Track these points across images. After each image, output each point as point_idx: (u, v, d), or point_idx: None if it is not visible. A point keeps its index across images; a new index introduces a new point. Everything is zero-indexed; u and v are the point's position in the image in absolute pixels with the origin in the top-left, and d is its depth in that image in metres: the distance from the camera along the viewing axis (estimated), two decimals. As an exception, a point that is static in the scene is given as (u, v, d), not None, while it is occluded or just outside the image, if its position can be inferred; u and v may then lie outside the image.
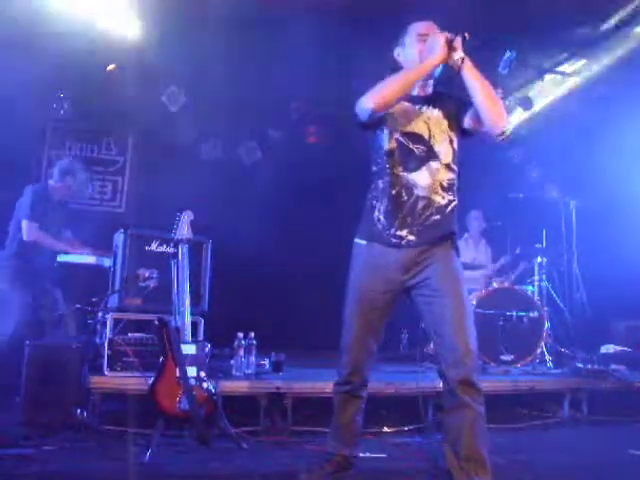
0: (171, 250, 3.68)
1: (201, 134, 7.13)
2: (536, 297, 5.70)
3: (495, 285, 5.68)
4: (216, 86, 6.53)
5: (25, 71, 5.23)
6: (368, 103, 2.60)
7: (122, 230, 4.07)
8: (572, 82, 6.64)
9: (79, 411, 3.59)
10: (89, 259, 4.60)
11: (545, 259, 5.90)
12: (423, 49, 2.71)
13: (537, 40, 5.91)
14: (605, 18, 5.50)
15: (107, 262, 4.45)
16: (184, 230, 3.50)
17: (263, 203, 6.80)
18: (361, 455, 2.94)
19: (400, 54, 2.85)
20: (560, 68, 6.52)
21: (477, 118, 2.66)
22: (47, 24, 5.14)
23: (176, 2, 5.35)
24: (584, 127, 6.88)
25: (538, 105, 7.06)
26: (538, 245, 6.01)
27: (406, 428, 3.99)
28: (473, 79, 2.59)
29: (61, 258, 4.58)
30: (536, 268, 5.91)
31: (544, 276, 5.90)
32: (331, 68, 5.88)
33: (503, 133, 2.63)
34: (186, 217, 3.53)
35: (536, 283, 5.87)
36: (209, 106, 6.75)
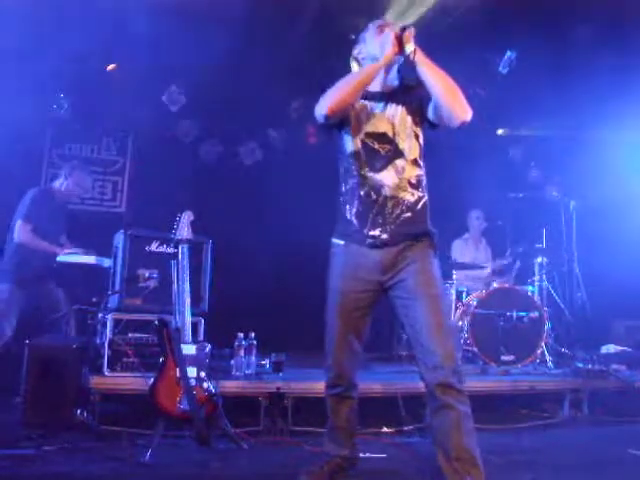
0: (171, 250, 3.68)
1: (201, 134, 7.13)
2: (536, 297, 5.70)
3: (495, 285, 5.67)
4: (216, 86, 6.53)
5: (25, 71, 5.23)
6: (322, 108, 2.58)
7: (122, 230, 4.06)
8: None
9: (79, 411, 3.59)
10: (89, 259, 4.59)
11: (545, 259, 5.89)
12: (380, 39, 2.69)
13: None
14: None
15: (107, 262, 4.44)
16: (184, 230, 3.50)
17: (263, 203, 6.80)
18: (361, 455, 2.94)
19: (361, 50, 2.82)
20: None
21: (437, 111, 2.62)
22: (47, 25, 5.14)
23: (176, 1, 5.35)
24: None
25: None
26: (538, 245, 6.01)
27: (405, 428, 3.99)
28: (428, 71, 2.54)
29: (61, 258, 4.57)
30: (536, 268, 5.90)
31: (544, 276, 5.90)
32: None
33: (464, 123, 2.57)
34: (186, 217, 3.54)
35: (536, 283, 5.86)
36: (209, 106, 6.75)
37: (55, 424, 3.49)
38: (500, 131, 7.91)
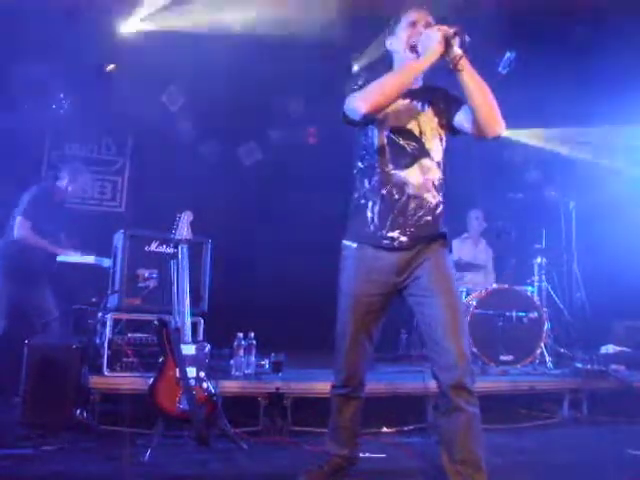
0: (171, 250, 3.67)
1: (200, 134, 7.13)
2: (536, 297, 5.69)
3: (494, 285, 5.67)
4: (215, 86, 6.54)
5: (25, 72, 5.24)
6: (360, 106, 2.48)
7: (122, 230, 4.07)
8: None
9: (79, 411, 3.59)
10: (88, 259, 4.59)
11: (545, 259, 5.89)
12: (412, 35, 2.62)
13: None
14: None
15: (107, 262, 4.44)
16: (184, 230, 3.50)
17: (263, 203, 6.81)
18: (360, 455, 2.94)
19: (392, 43, 2.74)
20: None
21: (471, 120, 2.55)
22: (47, 25, 5.14)
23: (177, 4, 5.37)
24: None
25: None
26: (538, 245, 6.01)
27: (405, 428, 3.99)
28: (470, 81, 2.46)
29: (60, 258, 4.57)
30: (536, 268, 5.90)
31: (544, 276, 5.90)
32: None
33: (498, 137, 2.53)
34: (186, 217, 3.54)
35: (536, 283, 5.86)
36: (209, 106, 6.76)
37: (54, 424, 3.48)
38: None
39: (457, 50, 2.44)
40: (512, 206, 6.45)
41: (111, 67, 6.39)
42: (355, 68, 7.04)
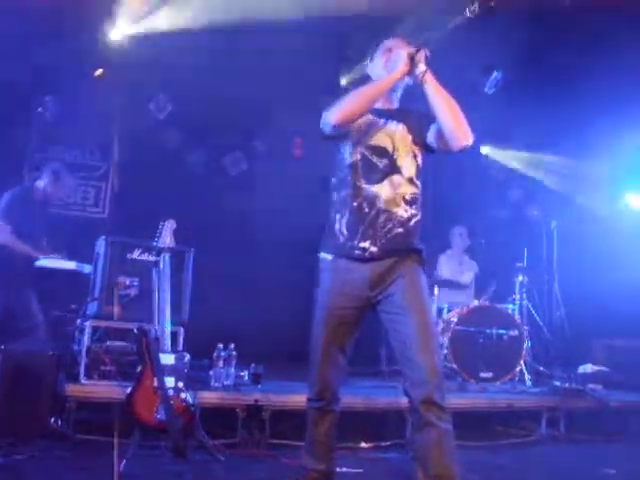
0: (153, 258, 3.65)
1: (186, 142, 7.11)
2: (516, 315, 5.73)
3: (475, 302, 5.70)
4: (202, 95, 6.54)
5: (9, 74, 5.20)
6: (331, 118, 2.61)
7: (104, 237, 4.03)
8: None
9: (54, 419, 3.54)
10: (69, 265, 4.53)
11: (526, 278, 5.93)
12: (388, 60, 2.76)
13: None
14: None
15: (87, 268, 4.40)
16: (166, 239, 3.48)
17: (247, 213, 6.79)
18: (337, 470, 2.93)
19: (369, 67, 2.93)
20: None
21: (440, 135, 2.65)
22: (34, 29, 5.12)
23: (165, 10, 5.37)
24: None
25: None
26: (519, 264, 6.05)
27: (383, 444, 3.98)
28: (435, 94, 2.59)
29: (40, 263, 4.51)
30: (517, 286, 5.94)
31: (525, 294, 5.94)
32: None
33: (465, 148, 2.61)
34: (169, 226, 3.52)
35: (517, 301, 5.90)
36: (195, 115, 6.75)
37: (28, 432, 3.42)
38: (484, 149, 8.00)
39: (422, 66, 2.60)
40: (495, 223, 6.51)
41: (99, 72, 6.36)
42: (343, 82, 7.09)
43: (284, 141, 7.47)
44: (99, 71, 6.32)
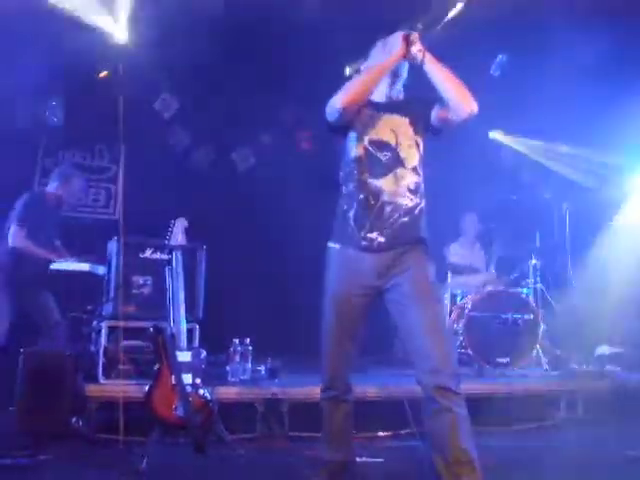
0: (165, 257, 3.67)
1: (194, 140, 7.13)
2: (531, 299, 5.71)
3: (489, 288, 5.68)
4: (209, 92, 6.55)
5: (17, 79, 5.23)
6: (336, 102, 2.67)
7: (116, 237, 4.06)
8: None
9: (74, 420, 3.58)
10: (82, 267, 4.56)
11: (539, 261, 5.91)
12: (385, 46, 2.80)
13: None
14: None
15: (101, 270, 4.43)
16: (178, 237, 3.50)
17: (257, 209, 6.80)
18: (357, 460, 2.94)
19: (369, 63, 2.92)
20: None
21: (445, 109, 2.70)
22: (39, 32, 5.14)
23: (169, 8, 5.36)
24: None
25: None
26: (532, 247, 6.02)
27: (403, 432, 3.98)
28: (435, 69, 2.65)
29: (55, 266, 4.55)
30: (530, 270, 5.92)
31: (538, 278, 5.91)
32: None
33: (471, 115, 2.65)
34: (180, 224, 3.53)
35: (530, 285, 5.88)
36: (202, 112, 6.76)
37: (50, 433, 3.47)
38: (493, 134, 7.94)
39: (418, 46, 2.67)
40: (506, 208, 6.47)
41: (104, 73, 6.38)
42: (348, 72, 7.06)
43: (292, 135, 7.47)
44: (104, 72, 6.33)
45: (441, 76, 2.65)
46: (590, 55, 5.59)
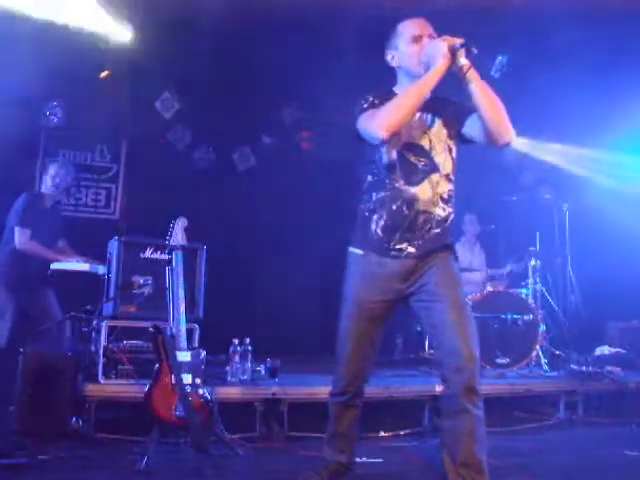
0: (165, 257, 3.67)
1: (194, 140, 7.13)
2: (530, 300, 5.71)
3: (489, 288, 5.68)
4: (209, 92, 6.54)
5: (18, 79, 5.23)
6: (379, 132, 2.44)
7: (116, 237, 4.06)
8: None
9: (74, 420, 3.58)
10: (83, 267, 4.56)
11: (539, 262, 5.91)
12: (419, 50, 2.58)
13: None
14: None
15: (101, 270, 4.42)
16: (178, 237, 3.50)
17: (257, 209, 6.80)
18: (357, 460, 2.94)
19: (395, 57, 2.70)
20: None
21: (481, 129, 2.55)
22: (40, 32, 5.14)
23: (169, 8, 5.36)
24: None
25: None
26: (532, 248, 6.02)
27: (402, 432, 3.99)
28: (479, 91, 2.47)
29: (55, 266, 4.55)
30: (530, 271, 5.92)
31: (538, 279, 5.91)
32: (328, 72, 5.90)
33: (508, 144, 2.55)
34: (180, 224, 3.53)
35: (530, 286, 5.88)
36: (202, 112, 6.76)
37: (50, 433, 3.47)
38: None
39: (464, 60, 2.44)
40: (505, 209, 6.48)
41: (105, 74, 6.38)
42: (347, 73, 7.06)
43: (292, 135, 7.47)
44: (105, 73, 6.34)
45: (485, 98, 2.46)
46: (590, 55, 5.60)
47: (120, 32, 5.62)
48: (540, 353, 5.46)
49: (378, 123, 2.47)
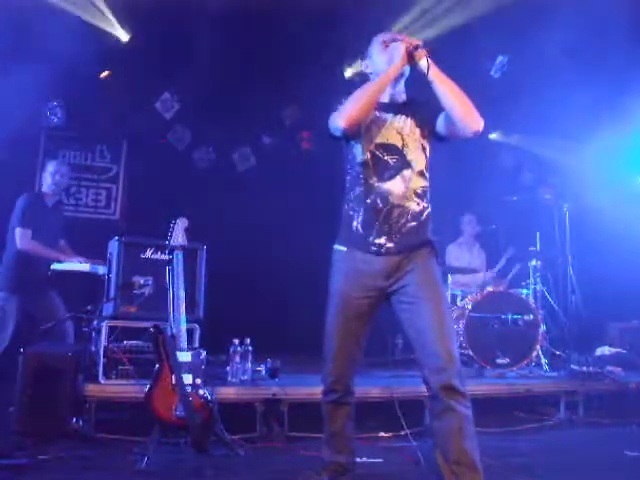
0: (166, 257, 3.67)
1: (194, 141, 7.13)
2: (531, 300, 5.71)
3: (490, 289, 5.68)
4: (209, 92, 6.55)
5: (18, 79, 5.23)
6: (339, 122, 2.61)
7: (116, 238, 4.06)
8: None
9: (74, 420, 3.58)
10: (83, 267, 4.56)
11: (539, 262, 5.91)
12: (386, 53, 2.75)
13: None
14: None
15: (101, 270, 4.43)
16: (178, 237, 3.50)
17: (257, 209, 6.80)
18: (357, 460, 2.94)
19: (368, 66, 2.88)
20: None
21: (452, 123, 2.65)
22: (40, 32, 5.14)
23: (169, 8, 5.37)
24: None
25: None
26: (532, 248, 6.03)
27: (402, 433, 3.98)
28: (441, 86, 2.60)
29: (55, 266, 4.55)
30: (531, 271, 5.92)
31: (538, 279, 5.91)
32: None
33: (477, 134, 2.62)
34: (180, 224, 3.53)
35: (531, 286, 5.88)
36: (202, 113, 6.77)
37: (50, 433, 3.47)
38: (493, 135, 7.95)
39: (424, 62, 2.61)
40: (506, 209, 6.48)
41: (105, 74, 6.38)
42: (348, 74, 7.07)
43: (292, 135, 7.47)
44: (105, 73, 6.34)
45: (447, 92, 2.59)
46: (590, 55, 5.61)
47: (120, 32, 5.63)
48: (540, 353, 5.46)
49: (338, 114, 2.64)
